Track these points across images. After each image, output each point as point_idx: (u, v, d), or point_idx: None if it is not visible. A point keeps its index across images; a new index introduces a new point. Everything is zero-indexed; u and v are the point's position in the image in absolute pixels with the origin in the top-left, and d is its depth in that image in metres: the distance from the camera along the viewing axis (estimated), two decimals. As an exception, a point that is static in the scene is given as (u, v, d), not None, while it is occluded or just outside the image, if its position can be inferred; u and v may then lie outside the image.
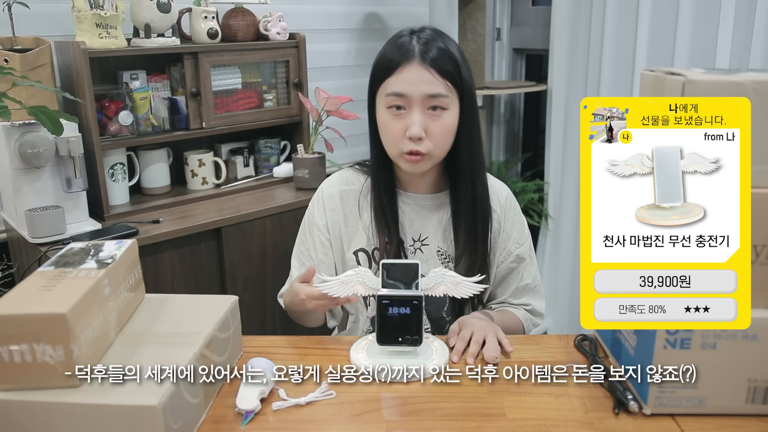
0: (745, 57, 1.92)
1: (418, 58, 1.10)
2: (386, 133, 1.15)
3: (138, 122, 1.87)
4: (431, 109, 1.11)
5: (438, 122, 1.12)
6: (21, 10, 1.68)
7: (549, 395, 0.89)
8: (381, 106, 1.15)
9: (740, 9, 1.92)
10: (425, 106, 1.11)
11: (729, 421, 0.83)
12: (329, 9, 2.48)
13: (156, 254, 1.69)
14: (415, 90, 1.10)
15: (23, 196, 1.63)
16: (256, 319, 1.88)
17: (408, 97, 1.10)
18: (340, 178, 1.29)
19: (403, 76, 1.10)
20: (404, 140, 1.12)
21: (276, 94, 2.14)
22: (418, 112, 1.10)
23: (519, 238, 1.27)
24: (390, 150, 1.16)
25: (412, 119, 1.10)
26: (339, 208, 1.26)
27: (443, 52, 1.12)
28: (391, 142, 1.14)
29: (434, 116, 1.12)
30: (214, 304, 0.97)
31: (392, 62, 1.12)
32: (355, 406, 0.87)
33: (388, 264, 0.99)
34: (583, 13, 2.41)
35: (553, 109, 2.59)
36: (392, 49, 1.14)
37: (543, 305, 1.31)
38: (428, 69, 1.10)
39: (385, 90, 1.12)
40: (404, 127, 1.11)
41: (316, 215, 1.28)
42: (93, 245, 0.93)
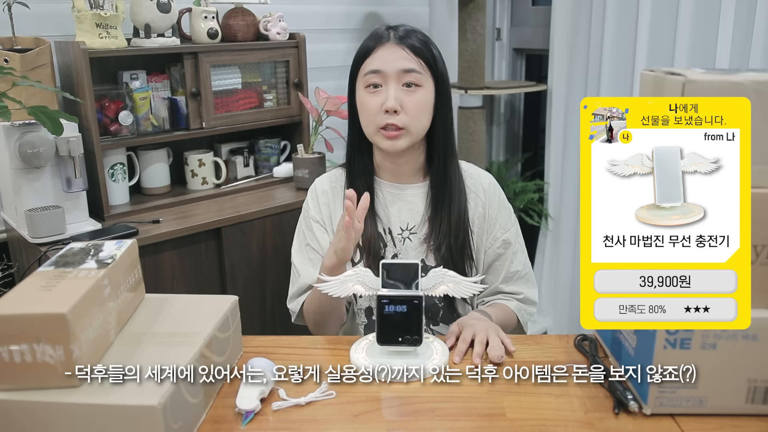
0: (745, 57, 1.92)
1: (393, 39, 1.19)
2: (364, 111, 1.21)
3: (138, 122, 1.87)
4: (406, 86, 1.18)
5: (413, 97, 1.18)
6: (21, 10, 1.68)
7: (549, 395, 0.89)
8: (360, 89, 1.22)
9: (740, 9, 1.92)
10: (400, 81, 1.18)
11: (729, 421, 0.83)
12: (329, 9, 2.48)
13: (156, 254, 1.69)
14: (390, 66, 1.17)
15: (23, 196, 1.63)
16: (256, 319, 1.88)
17: (383, 72, 1.18)
18: (330, 176, 1.35)
19: (378, 55, 1.19)
20: (380, 114, 1.18)
21: (276, 94, 2.14)
22: (394, 87, 1.17)
23: (505, 223, 1.30)
24: (368, 129, 1.21)
25: (388, 93, 1.17)
26: (331, 202, 1.30)
27: (416, 34, 1.21)
28: (369, 120, 1.20)
29: (409, 92, 1.18)
30: (214, 304, 0.97)
31: (369, 47, 1.21)
32: (355, 406, 0.87)
33: (388, 264, 0.99)
34: (583, 13, 2.41)
35: (553, 109, 2.59)
36: (369, 38, 1.23)
37: (536, 293, 1.33)
38: (402, 47, 1.18)
39: (363, 71, 1.20)
40: (380, 103, 1.18)
41: (312, 209, 1.31)
42: (93, 245, 0.93)
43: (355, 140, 1.28)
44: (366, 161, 1.28)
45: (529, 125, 3.07)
